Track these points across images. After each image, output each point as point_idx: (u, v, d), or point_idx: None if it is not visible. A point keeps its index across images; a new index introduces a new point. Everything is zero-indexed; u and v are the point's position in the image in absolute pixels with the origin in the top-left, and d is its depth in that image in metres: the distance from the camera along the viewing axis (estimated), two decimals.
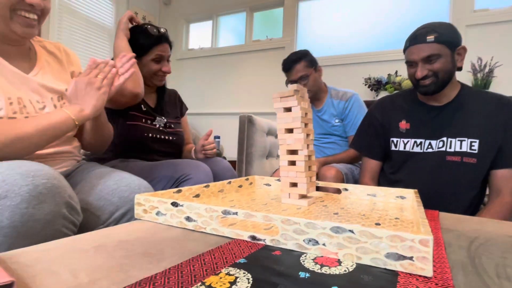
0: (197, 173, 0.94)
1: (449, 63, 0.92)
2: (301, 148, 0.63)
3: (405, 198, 0.70)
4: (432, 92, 0.95)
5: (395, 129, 1.05)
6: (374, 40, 2.67)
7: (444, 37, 0.90)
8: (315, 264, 0.35)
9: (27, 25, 0.67)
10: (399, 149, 1.04)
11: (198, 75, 3.51)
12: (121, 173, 0.75)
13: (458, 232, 0.51)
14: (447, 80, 0.94)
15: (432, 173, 0.97)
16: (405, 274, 0.33)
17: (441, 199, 0.94)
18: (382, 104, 1.13)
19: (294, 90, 0.62)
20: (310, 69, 1.51)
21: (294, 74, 1.51)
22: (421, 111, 1.02)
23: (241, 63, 3.27)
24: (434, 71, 0.92)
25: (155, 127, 1.15)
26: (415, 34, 0.95)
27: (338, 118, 1.53)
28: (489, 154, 0.92)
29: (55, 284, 0.28)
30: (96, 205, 0.66)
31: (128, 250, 0.38)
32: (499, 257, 0.40)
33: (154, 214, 0.51)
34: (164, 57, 1.15)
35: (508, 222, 0.61)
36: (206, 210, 0.45)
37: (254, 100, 3.16)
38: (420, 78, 0.94)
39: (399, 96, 1.11)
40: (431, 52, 0.91)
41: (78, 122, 0.67)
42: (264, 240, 0.41)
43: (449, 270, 0.34)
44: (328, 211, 0.57)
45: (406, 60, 0.98)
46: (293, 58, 1.52)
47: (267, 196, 0.74)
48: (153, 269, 0.32)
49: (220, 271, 0.32)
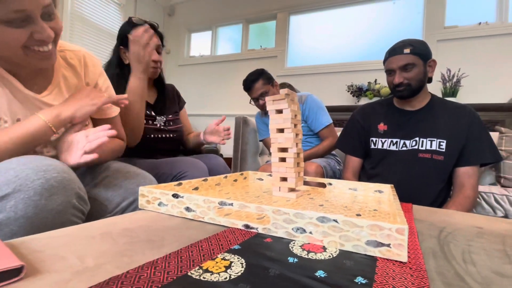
0: (193, 170, 0.92)
1: (422, 73, 0.97)
2: (291, 146, 0.63)
3: (383, 192, 0.71)
4: (406, 96, 1.00)
5: (375, 130, 1.09)
6: (356, 51, 2.69)
7: (418, 50, 0.96)
8: (303, 250, 0.34)
9: (43, 58, 0.57)
10: (377, 147, 1.07)
11: (198, 80, 3.49)
12: (128, 167, 0.73)
13: (429, 223, 0.52)
14: (419, 88, 0.99)
15: (406, 168, 1.00)
16: (383, 259, 0.33)
17: (413, 191, 0.97)
18: (364, 110, 1.18)
19: (285, 94, 0.62)
20: (268, 85, 1.49)
21: (255, 92, 1.49)
22: (397, 115, 1.06)
23: (237, 69, 3.26)
24: (408, 79, 0.97)
25: (156, 127, 1.09)
26: (393, 47, 1.01)
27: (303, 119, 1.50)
28: (454, 152, 0.95)
29: (63, 268, 0.27)
30: (104, 195, 0.65)
31: (132, 237, 0.37)
32: (464, 245, 0.40)
33: (156, 205, 0.50)
34: (156, 47, 1.03)
35: (472, 214, 0.62)
36: (204, 201, 0.45)
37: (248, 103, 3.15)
38: (397, 84, 0.98)
39: (378, 103, 1.16)
40: (407, 62, 0.96)
41: (55, 129, 0.58)
42: (256, 228, 0.41)
43: (421, 256, 0.34)
44: (314, 203, 0.57)
45: (385, 69, 1.03)
46: (251, 78, 1.49)
47: (260, 189, 0.74)
48: (155, 254, 0.31)
49: (216, 256, 0.31)
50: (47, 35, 0.54)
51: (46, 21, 0.54)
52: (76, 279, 0.25)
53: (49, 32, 0.54)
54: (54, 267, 0.27)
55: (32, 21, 0.51)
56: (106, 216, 0.64)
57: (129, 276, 0.26)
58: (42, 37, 0.53)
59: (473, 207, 0.94)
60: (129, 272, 0.26)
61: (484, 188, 1.28)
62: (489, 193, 1.24)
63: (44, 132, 0.57)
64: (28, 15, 0.50)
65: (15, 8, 0.48)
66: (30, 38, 0.53)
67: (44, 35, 0.53)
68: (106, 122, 0.77)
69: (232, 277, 0.27)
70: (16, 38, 0.51)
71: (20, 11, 0.49)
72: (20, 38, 0.51)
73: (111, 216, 0.62)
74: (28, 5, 0.49)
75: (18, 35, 0.51)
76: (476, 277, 0.30)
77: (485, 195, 1.24)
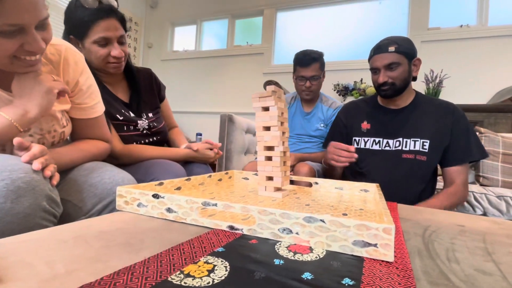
0: (165, 175, 0.82)
1: (406, 72, 0.98)
2: (277, 144, 0.63)
3: (368, 191, 0.72)
4: (391, 95, 1.01)
5: (358, 129, 1.10)
6: (343, 50, 2.73)
7: (403, 48, 0.96)
8: (289, 251, 0.34)
9: (29, 65, 0.54)
10: (360, 146, 1.09)
11: (182, 76, 3.43)
12: (105, 166, 0.70)
13: (414, 221, 0.53)
14: (403, 87, 1.00)
15: (390, 168, 1.02)
16: (370, 259, 0.33)
17: (397, 191, 0.98)
18: (347, 108, 1.19)
19: (272, 91, 0.62)
20: (321, 71, 1.46)
21: (309, 71, 1.41)
22: (380, 113, 1.07)
23: (223, 66, 3.23)
24: (393, 78, 0.98)
25: (139, 132, 0.97)
26: (378, 45, 1.01)
27: (324, 123, 1.50)
28: (437, 153, 0.98)
29: (29, 276, 0.25)
30: (79, 196, 0.62)
31: (108, 240, 0.35)
32: (448, 243, 0.41)
33: (135, 206, 0.48)
34: (111, 38, 0.82)
35: (454, 212, 0.64)
36: (186, 202, 0.44)
37: (234, 101, 3.13)
38: (381, 83, 0.99)
39: (363, 101, 1.17)
40: (392, 60, 0.96)
41: (22, 128, 0.54)
42: (241, 229, 0.40)
43: (407, 255, 0.35)
44: (301, 203, 0.57)
45: (370, 67, 1.04)
46: (313, 55, 1.41)
47: (245, 189, 0.73)
48: (133, 259, 0.30)
49: (198, 259, 0.30)
50: (38, 47, 0.52)
51: (39, 31, 0.51)
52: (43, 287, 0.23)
53: (40, 44, 0.51)
54: (19, 275, 0.25)
55: (25, 32, 0.49)
56: (81, 218, 0.61)
57: (103, 283, 0.24)
58: (33, 48, 0.51)
59: (462, 200, 0.96)
60: (103, 279, 0.25)
61: None
62: (469, 192, 1.30)
63: (9, 132, 0.53)
64: (22, 27, 0.48)
65: (12, 22, 0.46)
66: (19, 49, 0.50)
67: (35, 46, 0.51)
68: (87, 122, 0.73)
69: (216, 282, 0.26)
70: (5, 48, 0.48)
71: (16, 25, 0.47)
72: (9, 49, 0.49)
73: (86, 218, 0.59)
74: (26, 20, 0.47)
75: (8, 46, 0.48)
76: (460, 275, 0.31)
77: None
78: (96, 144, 0.74)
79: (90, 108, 0.72)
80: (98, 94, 0.75)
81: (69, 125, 0.70)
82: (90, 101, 0.72)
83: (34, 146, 0.51)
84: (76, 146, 0.70)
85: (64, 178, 0.65)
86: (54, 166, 0.53)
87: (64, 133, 0.69)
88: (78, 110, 0.71)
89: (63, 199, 0.59)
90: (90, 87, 0.72)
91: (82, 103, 0.71)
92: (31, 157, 0.49)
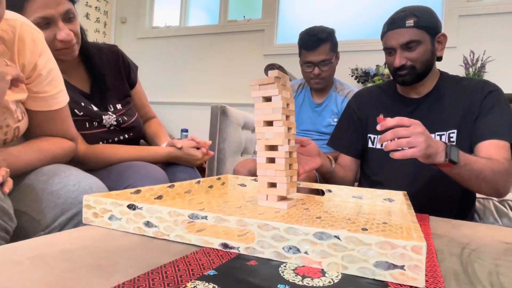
0: (143, 181, 0.81)
1: (429, 52, 0.95)
2: (281, 143, 0.63)
3: (393, 200, 0.72)
4: (410, 82, 0.98)
5: (373, 125, 1.07)
6: (362, 27, 2.73)
7: (424, 22, 0.93)
8: (296, 275, 0.34)
9: None
10: (376, 146, 1.07)
11: (164, 58, 3.42)
12: (68, 169, 0.70)
13: (449, 238, 0.53)
14: (426, 71, 0.97)
15: (415, 173, 0.99)
16: (396, 284, 0.33)
17: (428, 200, 0.95)
18: (360, 97, 1.15)
19: (275, 77, 0.62)
20: (332, 54, 1.44)
21: (317, 56, 1.40)
22: (399, 104, 1.05)
23: (215, 45, 3.23)
24: (412, 60, 0.95)
25: (106, 129, 0.95)
26: (393, 18, 0.97)
27: (337, 117, 1.47)
28: (467, 142, 0.94)
29: None
30: (37, 207, 0.62)
31: (72, 261, 0.35)
32: (491, 264, 0.42)
33: (106, 219, 0.49)
34: (53, 17, 0.78)
35: (500, 227, 0.64)
36: (169, 214, 0.44)
37: (228, 89, 3.13)
38: (398, 67, 0.96)
39: (378, 88, 1.14)
40: (411, 38, 0.93)
41: None
42: (237, 248, 0.40)
43: (441, 279, 0.35)
44: (310, 215, 0.57)
45: (384, 47, 1.01)
46: (321, 36, 1.39)
47: (242, 198, 0.74)
48: (104, 284, 0.30)
49: (185, 285, 0.30)
50: None
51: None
52: None
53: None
54: None
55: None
56: (39, 234, 0.61)
57: None
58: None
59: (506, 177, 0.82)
60: None
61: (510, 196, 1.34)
62: None
63: None
64: None
65: None
66: None
67: None
68: (48, 116, 0.73)
69: None
70: None
71: None
72: None
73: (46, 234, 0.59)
74: None
75: None
76: None
77: None
78: (59, 143, 0.74)
79: (51, 97, 0.72)
80: (60, 81, 0.75)
81: (25, 118, 0.70)
82: (51, 89, 0.72)
83: None
84: (33, 145, 0.70)
85: (18, 184, 0.65)
86: (6, 170, 0.53)
87: (18, 128, 0.69)
88: (37, 100, 0.70)
89: (18, 210, 0.59)
90: (51, 72, 0.72)
91: (41, 91, 0.71)
92: None
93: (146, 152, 0.97)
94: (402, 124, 0.64)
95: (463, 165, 0.70)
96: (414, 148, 0.62)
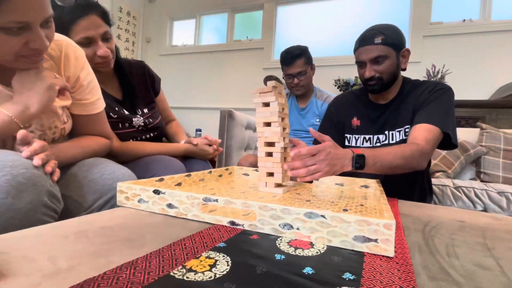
0: (165, 171, 0.81)
1: (394, 65, 0.93)
2: (277, 140, 0.63)
3: (369, 187, 0.72)
4: (378, 90, 0.96)
5: (349, 126, 1.06)
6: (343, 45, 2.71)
7: (390, 39, 0.90)
8: (290, 246, 0.35)
9: (33, 62, 0.54)
10: (351, 144, 1.04)
11: (181, 71, 3.41)
12: (105, 162, 0.70)
13: (414, 217, 0.53)
14: (392, 81, 0.95)
15: None
16: (370, 255, 0.33)
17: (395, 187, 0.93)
18: (338, 101, 1.13)
19: (272, 86, 0.62)
20: (307, 66, 1.46)
21: (294, 69, 1.44)
22: (369, 109, 1.03)
23: (222, 61, 3.21)
24: (380, 72, 0.92)
25: (135, 129, 0.95)
26: (363, 36, 0.95)
27: (319, 118, 1.50)
28: None
29: (31, 270, 0.25)
30: (79, 192, 0.62)
31: (109, 236, 0.35)
32: (448, 238, 0.42)
33: (136, 201, 0.49)
34: (94, 37, 0.79)
35: (455, 208, 0.64)
36: (187, 198, 0.44)
37: (234, 96, 3.12)
38: (368, 78, 0.94)
39: (352, 93, 1.11)
40: (379, 54, 0.90)
41: (22, 124, 0.53)
42: (242, 225, 0.41)
43: (407, 250, 0.35)
44: (301, 199, 0.57)
45: (356, 60, 0.98)
46: (295, 52, 1.43)
47: (245, 185, 0.74)
48: (135, 254, 0.30)
49: (200, 254, 0.31)
50: (43, 45, 0.52)
51: (44, 28, 0.52)
52: (46, 282, 0.24)
53: (45, 42, 0.52)
54: (22, 270, 0.25)
55: (30, 30, 0.49)
56: (82, 214, 0.61)
57: (106, 277, 0.25)
58: (37, 46, 0.51)
59: (419, 157, 0.76)
60: (106, 274, 0.25)
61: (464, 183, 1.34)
62: (469, 188, 1.30)
63: (9, 129, 0.53)
64: (28, 25, 0.48)
65: (19, 19, 0.47)
66: (24, 47, 0.51)
67: (39, 44, 0.51)
68: (88, 119, 0.73)
69: (217, 276, 0.26)
70: (10, 45, 0.49)
71: (22, 22, 0.47)
72: (14, 46, 0.50)
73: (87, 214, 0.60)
74: (32, 17, 0.48)
75: (13, 43, 0.49)
76: (459, 270, 0.31)
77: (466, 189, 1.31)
78: (97, 140, 0.74)
79: (91, 104, 0.72)
80: (98, 90, 0.75)
81: (70, 121, 0.70)
82: (91, 97, 0.72)
83: (34, 141, 0.52)
84: (76, 142, 0.70)
85: (64, 173, 0.66)
86: (54, 162, 0.54)
87: (64, 129, 0.69)
88: (79, 106, 0.70)
89: (64, 194, 0.59)
90: (91, 83, 0.72)
91: (83, 99, 0.71)
92: (31, 152, 0.49)
93: (168, 148, 0.97)
94: (310, 154, 0.62)
95: (372, 165, 0.67)
96: (320, 172, 0.61)
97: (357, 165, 0.66)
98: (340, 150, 0.65)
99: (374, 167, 0.69)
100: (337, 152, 0.64)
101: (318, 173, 0.61)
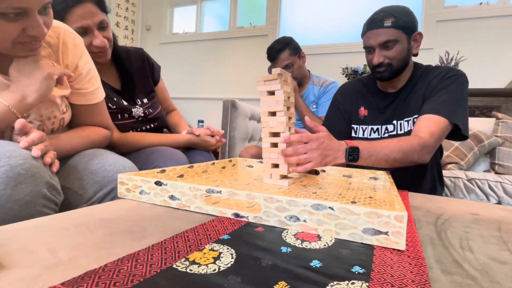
0: (167, 163, 0.81)
1: (405, 50, 0.88)
2: (283, 130, 0.62)
3: (378, 179, 0.71)
4: (387, 78, 0.92)
5: (355, 116, 1.03)
6: (352, 31, 2.66)
7: (401, 22, 0.85)
8: (296, 239, 0.34)
9: (31, 49, 0.54)
10: (358, 135, 1.01)
11: (182, 60, 3.39)
12: (105, 153, 0.71)
13: (425, 210, 0.53)
14: (402, 67, 0.91)
15: None
16: (380, 248, 0.33)
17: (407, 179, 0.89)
18: (344, 90, 1.09)
19: (277, 74, 0.61)
20: (294, 57, 1.46)
21: (279, 63, 1.46)
22: (378, 98, 0.99)
23: (225, 49, 3.18)
24: (390, 58, 0.88)
25: (135, 120, 0.95)
26: (372, 18, 0.89)
27: (316, 103, 1.52)
28: None
29: (32, 262, 0.26)
30: (79, 184, 0.63)
31: (110, 228, 0.36)
32: (462, 231, 0.41)
33: (137, 193, 0.49)
34: (90, 26, 0.78)
35: (469, 201, 0.63)
36: (190, 189, 0.44)
37: (237, 86, 3.10)
38: (377, 64, 0.90)
39: (359, 81, 1.07)
40: (388, 38, 0.86)
41: (20, 114, 0.53)
42: (247, 217, 0.40)
43: (419, 243, 0.35)
44: (307, 191, 0.57)
45: (364, 45, 0.94)
46: (277, 47, 1.44)
47: (250, 176, 0.74)
48: (136, 246, 0.30)
49: (204, 247, 0.31)
50: (41, 32, 0.52)
51: (41, 15, 0.52)
52: (47, 274, 0.24)
53: (43, 29, 0.52)
54: (22, 262, 0.26)
55: (28, 16, 0.49)
56: (82, 206, 0.62)
57: (107, 269, 0.25)
58: (35, 33, 0.51)
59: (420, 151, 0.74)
60: (107, 266, 0.25)
61: (478, 175, 1.33)
62: (483, 180, 1.29)
63: (6, 118, 0.53)
64: (26, 11, 0.48)
65: (16, 5, 0.47)
66: (21, 33, 0.51)
67: (37, 31, 0.51)
68: (87, 109, 0.72)
69: (222, 269, 0.26)
70: (7, 32, 0.49)
71: (20, 8, 0.47)
72: (12, 32, 0.50)
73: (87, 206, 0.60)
74: (30, 3, 0.48)
75: (10, 29, 0.49)
76: (474, 263, 0.31)
77: (480, 182, 1.29)
78: (97, 131, 0.74)
79: (90, 93, 0.72)
80: (98, 79, 0.74)
81: (69, 111, 0.70)
82: (90, 86, 0.72)
83: (33, 132, 0.52)
84: (76, 133, 0.71)
85: (64, 165, 0.66)
86: (53, 153, 0.54)
87: (63, 119, 0.69)
88: (78, 96, 0.70)
89: (64, 186, 0.59)
90: (90, 72, 0.72)
91: (81, 88, 0.70)
92: (29, 143, 0.49)
93: (169, 139, 0.97)
94: (301, 141, 0.61)
95: (368, 157, 0.66)
96: (311, 162, 0.60)
97: (350, 157, 0.65)
98: (334, 142, 0.64)
99: (370, 159, 0.68)
100: (331, 143, 0.63)
101: (309, 163, 0.60)
